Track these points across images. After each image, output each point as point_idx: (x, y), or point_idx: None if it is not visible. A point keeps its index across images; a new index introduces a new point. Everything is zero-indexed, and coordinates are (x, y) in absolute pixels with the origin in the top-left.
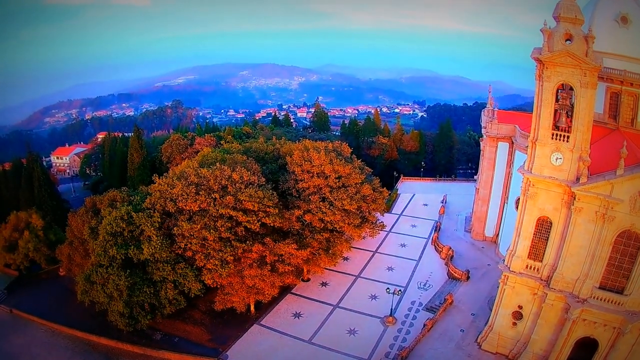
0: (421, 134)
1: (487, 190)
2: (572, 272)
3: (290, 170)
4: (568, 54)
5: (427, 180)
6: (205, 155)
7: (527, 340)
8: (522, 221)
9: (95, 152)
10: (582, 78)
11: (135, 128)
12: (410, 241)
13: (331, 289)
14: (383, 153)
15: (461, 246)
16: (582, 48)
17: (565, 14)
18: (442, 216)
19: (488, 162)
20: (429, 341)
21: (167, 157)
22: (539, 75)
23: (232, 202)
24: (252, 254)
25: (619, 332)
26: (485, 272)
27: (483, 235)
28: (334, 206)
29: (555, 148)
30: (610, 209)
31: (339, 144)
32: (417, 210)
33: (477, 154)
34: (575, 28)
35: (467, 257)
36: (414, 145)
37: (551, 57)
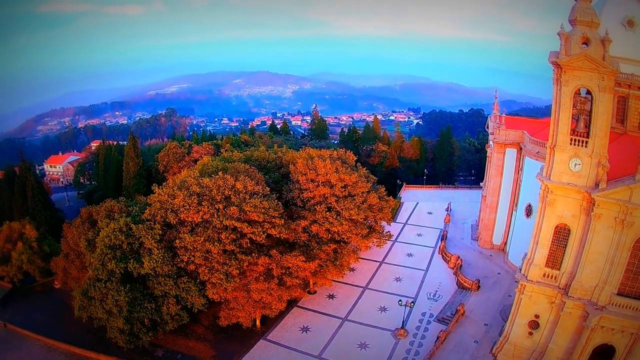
0: (421, 141)
1: (495, 198)
2: (590, 279)
3: (294, 180)
4: (586, 58)
5: (430, 188)
6: (206, 164)
7: (544, 350)
8: (540, 228)
9: (89, 161)
10: (600, 82)
11: (131, 136)
12: (417, 250)
13: (339, 302)
14: (383, 161)
15: (469, 255)
16: (600, 52)
17: (581, 17)
18: (448, 224)
19: (496, 169)
20: (443, 354)
21: (163, 165)
22: (557, 80)
23: (236, 213)
24: (258, 267)
25: (637, 337)
26: (496, 281)
27: (491, 244)
28: (341, 216)
29: (574, 154)
30: (630, 214)
31: (343, 151)
32: (422, 218)
33: (477, 160)
34: (592, 31)
35: (476, 266)
36: (415, 153)
37: (569, 61)
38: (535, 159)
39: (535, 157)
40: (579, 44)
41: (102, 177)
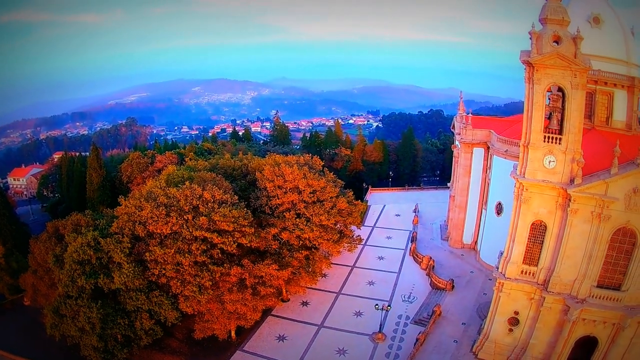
0: (384, 143)
1: (464, 197)
2: (569, 273)
3: (261, 187)
4: (558, 56)
5: (395, 190)
6: (171, 173)
7: (525, 345)
8: (516, 226)
9: (52, 173)
10: (572, 79)
11: (93, 147)
12: (388, 253)
13: (313, 308)
14: (347, 165)
15: (440, 255)
16: (571, 49)
17: (552, 15)
18: (417, 226)
19: (464, 168)
20: (423, 355)
21: (127, 176)
22: (529, 78)
23: (205, 223)
24: (230, 278)
25: (619, 327)
26: (470, 280)
27: (461, 243)
28: (311, 222)
29: (548, 151)
30: (606, 207)
31: (309, 157)
32: (390, 221)
33: (440, 161)
34: (563, 29)
35: (448, 266)
36: (378, 156)
37: (541, 60)
38: (503, 158)
39: (503, 155)
40: (550, 42)
41: (65, 190)
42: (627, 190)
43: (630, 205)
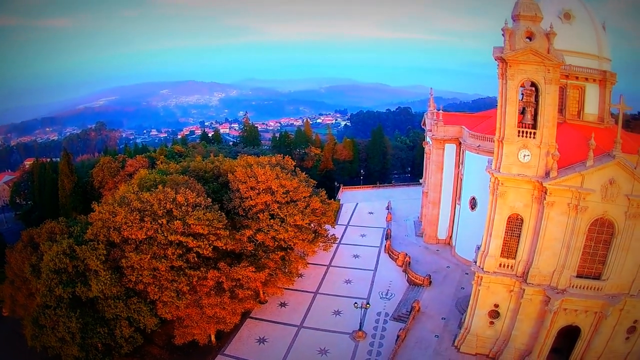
0: (354, 141)
1: (437, 193)
2: (548, 265)
3: (234, 189)
4: (531, 52)
5: (367, 188)
6: (143, 177)
7: (508, 337)
8: (493, 220)
9: (24, 180)
10: (546, 74)
11: (64, 153)
12: (363, 251)
13: (291, 309)
14: (317, 164)
15: (416, 251)
16: (544, 45)
17: (525, 12)
18: (390, 223)
19: (436, 165)
20: (405, 352)
21: (98, 181)
22: (502, 74)
23: (180, 227)
24: (208, 282)
25: (601, 316)
26: (446, 275)
27: (436, 239)
28: (285, 222)
29: (523, 145)
30: (583, 199)
31: (281, 157)
32: (364, 219)
33: (410, 158)
34: (536, 25)
35: (424, 262)
36: (348, 154)
37: (515, 56)
38: (476, 153)
39: (476, 151)
40: (523, 38)
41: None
42: (604, 181)
43: (607, 196)
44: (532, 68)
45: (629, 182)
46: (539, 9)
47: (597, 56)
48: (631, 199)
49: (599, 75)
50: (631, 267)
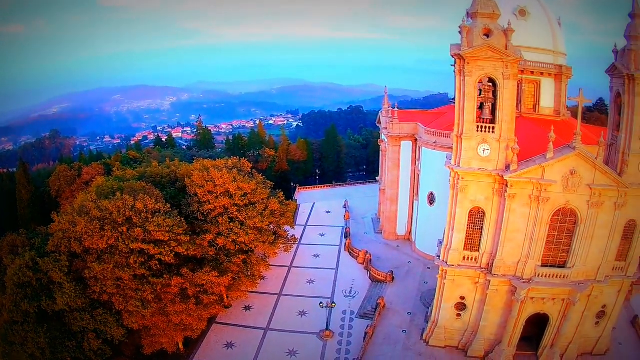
0: (308, 142)
1: (395, 190)
2: (512, 255)
3: (191, 193)
4: (489, 48)
5: (323, 187)
6: (100, 185)
7: (476, 328)
8: (454, 214)
9: None
10: (504, 70)
11: (21, 162)
12: (323, 250)
13: (256, 312)
14: (272, 165)
15: (376, 248)
16: (502, 41)
17: (482, 9)
18: (349, 221)
19: (392, 162)
20: (374, 348)
21: (55, 191)
22: (460, 71)
23: (141, 234)
24: (172, 289)
25: (569, 303)
26: (409, 270)
27: (396, 235)
28: (245, 225)
29: (482, 140)
30: (544, 190)
31: (237, 160)
32: (321, 218)
33: (364, 156)
34: (494, 22)
35: (385, 258)
36: (302, 154)
37: (473, 53)
38: (432, 149)
39: (432, 147)
40: (481, 35)
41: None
42: (565, 172)
43: (568, 187)
44: (490, 64)
45: (590, 172)
46: (497, 6)
47: (553, 51)
48: (593, 188)
49: (554, 70)
50: (596, 254)
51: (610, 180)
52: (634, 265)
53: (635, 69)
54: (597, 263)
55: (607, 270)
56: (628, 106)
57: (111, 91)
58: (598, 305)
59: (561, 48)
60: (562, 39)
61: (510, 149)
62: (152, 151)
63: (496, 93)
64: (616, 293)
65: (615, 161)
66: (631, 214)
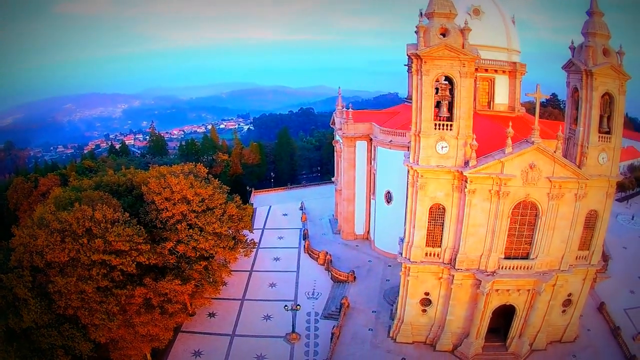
0: (261, 145)
1: (351, 190)
2: (475, 249)
3: (149, 201)
4: (446, 47)
5: (278, 190)
6: (58, 196)
7: (443, 323)
8: (415, 212)
9: None
10: (461, 69)
11: None
12: (283, 253)
13: (221, 319)
14: (226, 170)
15: (335, 249)
16: (459, 40)
17: (439, 9)
18: (306, 223)
19: (348, 162)
20: (342, 348)
21: (13, 204)
22: (417, 70)
23: (101, 245)
24: (136, 299)
25: (534, 293)
26: (370, 269)
27: (354, 235)
28: (204, 231)
29: (440, 137)
30: (504, 185)
31: (193, 165)
32: (279, 221)
33: (317, 157)
34: (450, 22)
35: (345, 258)
36: (255, 158)
37: (430, 52)
38: (388, 148)
39: (388, 146)
40: (438, 35)
41: None
42: (524, 166)
43: (528, 180)
44: (447, 63)
45: (549, 166)
46: (453, 6)
47: (507, 49)
48: (553, 181)
49: (508, 67)
50: (559, 244)
51: (570, 172)
52: (597, 254)
53: (593, 64)
54: (561, 253)
55: (571, 260)
56: (586, 101)
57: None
58: (564, 294)
59: (515, 45)
60: (516, 37)
61: (468, 146)
62: (107, 160)
63: (453, 91)
64: (581, 281)
65: (574, 154)
66: (592, 204)
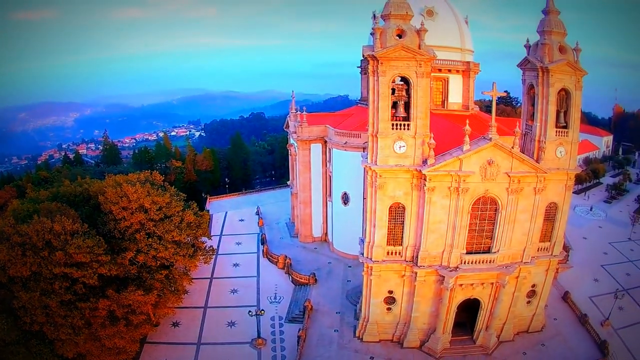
0: (214, 151)
1: (307, 193)
2: (436, 246)
3: (106, 211)
4: (403, 48)
5: (233, 196)
6: (16, 208)
7: (408, 320)
8: (375, 212)
9: None
10: (418, 69)
11: None
12: (242, 259)
13: (185, 328)
14: (180, 177)
15: (294, 252)
16: (415, 41)
17: (395, 11)
18: (263, 227)
19: (303, 165)
20: (310, 351)
21: None
22: (374, 71)
23: (62, 258)
24: (100, 312)
25: (498, 285)
26: (330, 271)
27: (312, 237)
28: (164, 240)
29: (398, 137)
30: (463, 181)
31: (148, 173)
32: (235, 227)
33: (270, 162)
34: (407, 23)
35: (305, 261)
36: (209, 164)
37: (386, 53)
38: (343, 150)
39: (343, 147)
40: (394, 36)
41: None
42: (482, 163)
43: (487, 176)
44: (404, 64)
45: (507, 161)
46: (410, 8)
47: (460, 49)
48: (512, 175)
49: (462, 67)
50: (520, 237)
51: (528, 167)
52: (559, 245)
53: (549, 61)
54: (522, 246)
55: (533, 252)
56: (542, 97)
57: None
58: (527, 285)
59: (468, 45)
60: (469, 37)
61: (426, 145)
62: (62, 170)
63: (410, 91)
64: (544, 272)
65: (531, 149)
66: (551, 196)
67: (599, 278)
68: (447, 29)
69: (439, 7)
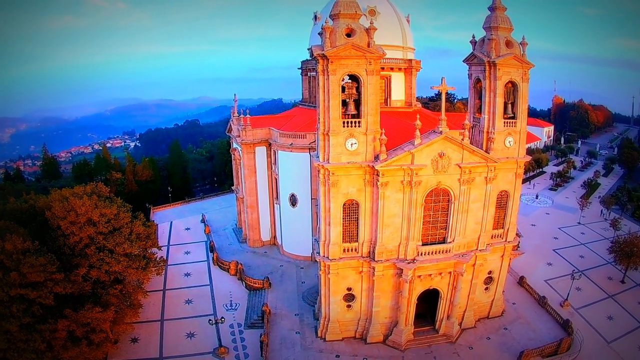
0: (153, 160)
1: (254, 197)
2: (392, 239)
3: (54, 226)
4: (352, 47)
5: (177, 205)
6: None
7: (370, 315)
8: (329, 210)
9: None
10: (367, 67)
11: None
12: (192, 268)
13: (145, 343)
14: (121, 188)
15: (244, 257)
16: (365, 39)
17: (345, 11)
18: (210, 235)
19: (248, 169)
20: (274, 355)
21: None
22: (323, 70)
23: (17, 278)
24: (60, 333)
25: (456, 274)
26: (283, 274)
27: (261, 241)
28: (115, 253)
29: (349, 135)
30: (415, 175)
31: (94, 185)
32: (182, 236)
33: (210, 168)
34: (356, 22)
35: (256, 266)
36: (149, 174)
37: (336, 52)
38: (289, 151)
39: (289, 149)
40: (343, 35)
41: None
42: (434, 156)
43: (438, 168)
44: (354, 62)
45: (458, 153)
46: (359, 7)
47: (402, 47)
48: (463, 167)
49: (404, 64)
50: (473, 225)
51: (478, 157)
52: (512, 231)
53: (496, 55)
54: (476, 234)
55: (487, 239)
56: (489, 90)
57: None
58: (484, 272)
59: (410, 43)
60: (411, 35)
61: (377, 140)
62: (4, 187)
63: (360, 89)
64: (499, 258)
65: (480, 140)
66: (502, 185)
67: (552, 262)
68: (390, 28)
69: (381, 7)
